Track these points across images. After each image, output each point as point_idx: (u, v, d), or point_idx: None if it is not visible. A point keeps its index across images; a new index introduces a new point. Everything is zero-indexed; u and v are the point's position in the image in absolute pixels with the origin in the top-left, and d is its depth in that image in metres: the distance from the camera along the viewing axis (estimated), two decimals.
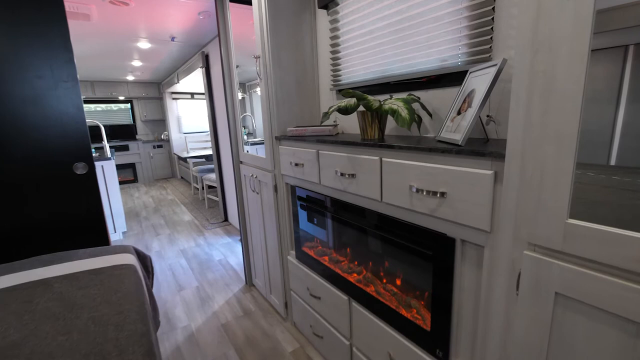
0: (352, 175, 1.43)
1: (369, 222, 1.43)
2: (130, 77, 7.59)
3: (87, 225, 2.20)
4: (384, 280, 1.48)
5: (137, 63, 5.76)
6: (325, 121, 1.52)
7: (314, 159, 1.69)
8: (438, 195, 1.05)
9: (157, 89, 8.82)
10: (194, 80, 6.55)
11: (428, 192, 1.08)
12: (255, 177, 2.38)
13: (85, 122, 2.05)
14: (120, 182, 8.46)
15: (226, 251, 3.79)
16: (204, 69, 4.53)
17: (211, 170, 5.81)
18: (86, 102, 8.06)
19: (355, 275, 1.64)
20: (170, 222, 5.04)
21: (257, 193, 2.42)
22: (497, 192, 0.91)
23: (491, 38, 1.17)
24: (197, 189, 6.83)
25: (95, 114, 8.37)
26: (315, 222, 1.89)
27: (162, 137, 9.13)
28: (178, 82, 6.57)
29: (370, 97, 1.37)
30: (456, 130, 1.10)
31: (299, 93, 2.09)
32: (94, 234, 2.22)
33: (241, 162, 2.68)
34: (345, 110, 1.46)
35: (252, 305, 2.67)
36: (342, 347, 1.76)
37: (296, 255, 2.10)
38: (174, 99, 8.63)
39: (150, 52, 4.90)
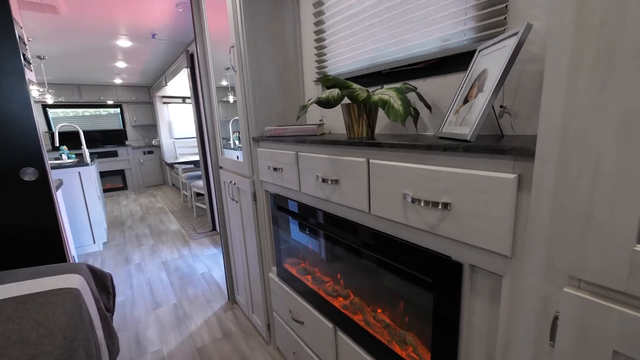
0: (335, 182, 1.18)
1: (356, 238, 1.18)
2: (118, 80, 7.35)
3: (38, 240, 1.93)
4: (375, 309, 1.22)
5: (121, 64, 5.52)
6: (302, 115, 1.28)
7: (292, 162, 1.44)
8: (440, 207, 0.80)
9: (147, 93, 8.57)
10: (182, 83, 6.30)
11: (427, 202, 0.83)
12: (234, 183, 2.12)
13: (35, 121, 1.79)
14: (109, 190, 8.20)
15: (211, 263, 3.53)
16: (189, 69, 4.29)
17: (200, 177, 5.56)
18: (73, 106, 7.81)
19: (341, 299, 1.38)
20: (156, 232, 4.77)
21: (237, 202, 2.16)
22: (521, 203, 0.66)
23: (506, 7, 0.92)
24: (187, 196, 6.56)
25: (84, 119, 8.09)
26: (297, 236, 1.64)
27: (153, 142, 8.86)
28: (166, 84, 6.32)
29: (355, 86, 1.12)
30: (462, 123, 0.85)
31: (281, 89, 1.84)
32: (47, 249, 1.95)
33: (221, 168, 2.43)
34: (326, 103, 1.21)
35: (233, 325, 2.40)
36: None
37: (277, 272, 1.84)
38: (164, 103, 8.37)
39: (133, 52, 4.66)
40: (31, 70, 2.21)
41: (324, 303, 1.43)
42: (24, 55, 1.94)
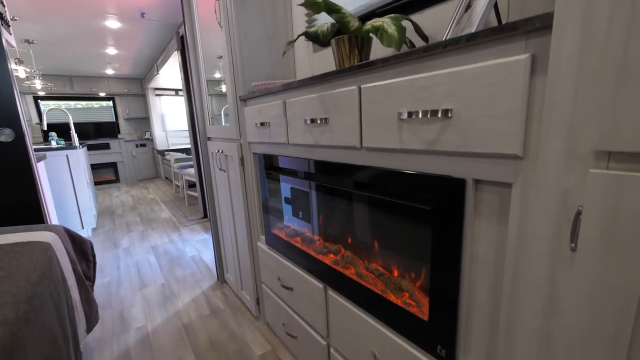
0: (325, 121, 1.08)
1: (347, 181, 1.08)
2: (109, 71, 7.22)
3: (14, 207, 1.81)
4: (367, 259, 1.12)
5: (112, 50, 5.40)
6: (288, 50, 1.17)
7: (280, 112, 1.34)
8: (439, 116, 0.70)
9: (139, 85, 8.44)
10: (174, 73, 6.19)
11: (425, 113, 0.73)
12: (222, 151, 2.02)
13: (10, 77, 1.68)
14: (101, 182, 8.07)
15: (201, 247, 3.42)
16: (179, 51, 4.17)
17: (191, 166, 5.45)
18: (65, 98, 7.66)
19: (331, 256, 1.28)
20: (146, 219, 4.66)
21: (224, 171, 2.06)
22: (535, 89, 0.57)
23: None
24: (178, 186, 6.44)
25: (76, 111, 7.95)
26: (286, 197, 1.54)
27: (146, 136, 8.73)
28: (158, 73, 6.21)
29: (346, 10, 1.02)
30: (466, 26, 0.75)
31: (270, 48, 1.74)
32: (23, 219, 1.83)
33: (209, 139, 2.32)
34: (315, 38, 1.11)
35: (221, 303, 2.30)
36: (319, 349, 1.40)
37: (266, 240, 1.74)
38: (157, 95, 8.27)
39: (123, 35, 4.55)
40: (10, 34, 2.09)
41: (313, 263, 1.33)
42: (0, 14, 1.84)
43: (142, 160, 8.68)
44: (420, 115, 0.74)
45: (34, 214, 1.82)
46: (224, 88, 2.51)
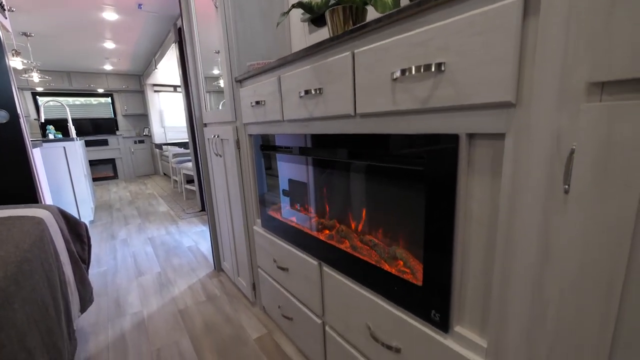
0: (319, 91, 1.07)
1: (341, 153, 1.08)
2: (108, 67, 7.20)
3: (8, 189, 1.80)
4: (362, 232, 1.11)
5: (110, 45, 5.38)
6: (282, 21, 1.17)
7: (275, 89, 1.34)
8: (433, 70, 0.69)
9: (138, 81, 8.43)
10: (172, 68, 6.18)
11: (418, 69, 0.72)
12: (218, 136, 2.01)
13: (5, 57, 1.66)
14: (100, 179, 8.06)
15: (198, 238, 3.41)
16: (176, 43, 4.16)
17: (189, 160, 5.43)
18: (63, 94, 7.64)
19: (326, 232, 1.27)
20: (144, 212, 4.65)
21: (220, 156, 2.05)
22: (528, 31, 0.56)
23: None
24: (177, 181, 6.43)
25: (74, 107, 7.93)
26: (282, 177, 1.53)
27: (145, 132, 8.71)
28: (156, 68, 6.19)
29: None
30: None
31: (266, 28, 1.73)
32: (18, 200, 1.82)
33: (205, 126, 2.31)
34: (309, 9, 1.10)
35: (217, 290, 2.29)
36: (314, 328, 1.39)
37: (262, 223, 1.73)
38: (155, 91, 8.25)
39: (121, 28, 4.53)
40: (5, 18, 2.08)
41: (308, 240, 1.32)
42: None
43: (140, 157, 8.67)
44: (413, 72, 0.73)
45: (28, 197, 1.81)
46: (222, 83, 2.51)
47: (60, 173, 3.79)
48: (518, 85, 0.58)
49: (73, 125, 4.52)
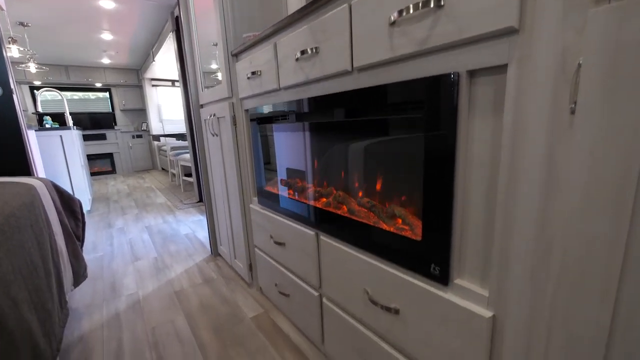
0: (315, 50, 1.04)
1: (338, 114, 1.05)
2: (106, 60, 7.17)
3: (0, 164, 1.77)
4: (359, 193, 1.09)
5: (107, 36, 5.35)
6: None
7: (271, 57, 1.31)
8: (432, 6, 0.67)
9: (136, 75, 8.40)
10: (169, 58, 6.15)
11: (416, 7, 0.70)
12: (214, 115, 1.98)
13: None
14: (97, 173, 8.03)
15: (196, 227, 3.38)
16: (174, 32, 4.12)
17: (186, 151, 5.41)
18: (61, 89, 7.60)
19: (323, 199, 1.24)
20: (142, 204, 4.62)
21: (217, 135, 2.02)
22: None
23: None
24: (174, 175, 6.40)
25: (72, 102, 7.89)
26: (279, 150, 1.50)
27: (143, 127, 8.68)
28: (154, 60, 6.16)
29: None
30: None
31: (262, 1, 1.70)
32: (10, 174, 1.79)
33: (201, 107, 2.28)
34: None
35: (214, 273, 2.26)
36: (311, 302, 1.37)
37: (259, 200, 1.70)
38: (153, 85, 8.22)
39: (118, 17, 4.49)
40: None
41: (305, 210, 1.30)
42: None
43: (138, 152, 8.64)
44: (411, 11, 0.71)
45: (21, 172, 1.78)
46: (219, 76, 2.48)
47: (57, 162, 3.76)
48: (521, 7, 0.56)
49: (71, 119, 4.48)
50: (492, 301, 0.70)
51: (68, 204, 1.64)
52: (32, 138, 2.32)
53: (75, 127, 4.04)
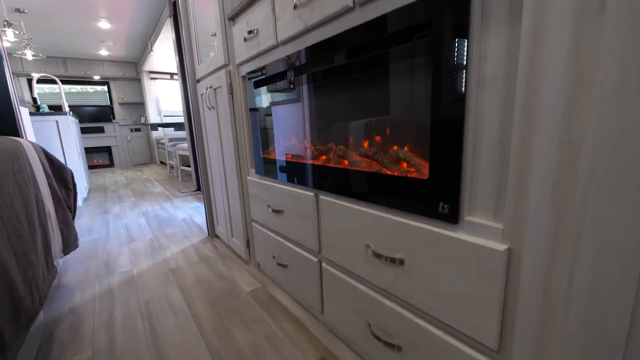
0: None
1: (339, 58, 1.00)
2: (104, 52, 7.11)
3: None
4: (361, 144, 1.03)
5: (104, 24, 5.29)
6: None
7: (269, 12, 1.27)
8: None
9: (134, 68, 8.34)
10: (167, 50, 6.09)
11: None
12: (210, 87, 1.92)
13: None
14: (95, 166, 7.96)
15: (193, 212, 3.33)
16: (171, 17, 4.06)
17: (184, 141, 5.35)
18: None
19: (323, 157, 1.18)
20: (139, 193, 4.56)
21: (213, 108, 1.97)
22: None
23: None
24: (173, 167, 6.34)
25: (70, 95, 7.82)
26: (275, 112, 1.44)
27: (142, 121, 8.62)
28: (152, 50, 6.10)
29: None
30: None
31: None
32: None
33: (198, 82, 2.23)
34: None
35: (211, 253, 2.21)
36: (310, 268, 1.31)
37: (256, 171, 1.64)
38: (152, 78, 8.16)
39: (115, 3, 4.42)
40: None
41: (304, 171, 1.25)
42: None
43: (137, 145, 8.57)
44: None
45: (10, 134, 1.72)
46: (216, 46, 2.42)
47: (53, 148, 3.70)
48: None
49: (67, 105, 4.42)
50: (507, 233, 0.64)
51: (59, 172, 1.58)
52: (25, 116, 2.27)
53: (71, 112, 3.97)
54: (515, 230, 0.62)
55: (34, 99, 4.11)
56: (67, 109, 4.08)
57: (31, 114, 3.51)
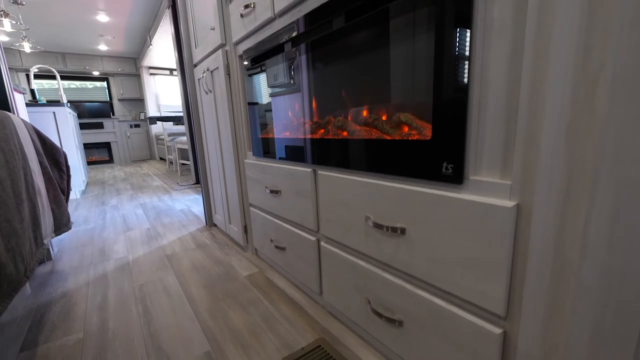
0: None
1: (338, 17, 0.96)
2: (102, 47, 7.07)
3: None
4: (363, 112, 0.99)
5: (103, 17, 5.24)
6: None
7: None
8: None
9: (133, 64, 8.30)
10: (166, 45, 6.05)
11: None
12: (207, 69, 1.88)
13: None
14: (95, 162, 7.93)
15: (191, 204, 3.29)
16: (170, 9, 4.02)
17: (183, 134, 5.31)
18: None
19: (321, 131, 1.14)
20: (137, 186, 4.53)
21: (211, 92, 1.93)
22: None
23: None
24: (172, 163, 6.30)
25: (69, 91, 7.78)
26: (273, 90, 1.39)
27: (141, 117, 8.58)
28: (151, 44, 6.05)
29: None
30: None
31: None
32: None
33: (195, 66, 2.19)
34: None
35: (208, 240, 2.17)
36: (309, 249, 1.27)
37: (254, 153, 1.60)
38: (151, 74, 8.12)
39: None
40: None
41: (301, 148, 1.21)
42: None
43: (136, 141, 8.54)
44: None
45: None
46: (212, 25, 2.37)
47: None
48: None
49: (65, 97, 4.38)
50: (516, 188, 0.60)
51: (51, 153, 1.54)
52: (19, 101, 2.23)
53: (68, 103, 3.93)
54: (525, 183, 0.58)
55: (32, 91, 4.07)
56: (64, 100, 4.03)
57: (28, 104, 3.46)
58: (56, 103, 3.75)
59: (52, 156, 1.55)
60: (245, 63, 1.52)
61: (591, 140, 0.47)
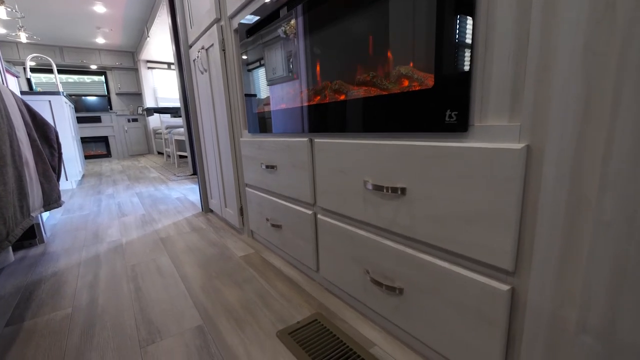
0: None
1: None
2: (100, 40, 7.00)
3: None
4: (361, 72, 0.94)
5: (100, 8, 5.18)
6: None
7: None
8: None
9: (131, 58, 8.24)
10: (164, 39, 5.99)
11: None
12: (203, 47, 1.83)
13: None
14: (92, 157, 7.87)
15: (188, 192, 3.24)
16: None
17: (180, 126, 5.26)
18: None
19: (317, 98, 1.09)
20: (134, 178, 4.48)
21: (206, 70, 1.88)
22: None
23: None
24: (169, 156, 6.25)
25: (67, 85, 7.72)
26: (269, 60, 1.35)
27: (139, 111, 8.52)
28: (148, 36, 6.00)
29: None
30: None
31: None
32: None
33: (190, 47, 2.14)
34: None
35: (203, 225, 2.12)
36: (305, 224, 1.23)
37: (249, 130, 1.55)
38: (149, 68, 8.05)
39: None
40: None
41: (297, 116, 1.16)
42: None
43: (134, 136, 8.48)
44: None
45: None
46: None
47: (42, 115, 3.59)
48: None
49: (61, 87, 4.32)
50: (526, 128, 0.55)
51: (42, 128, 1.49)
52: (11, 82, 2.18)
53: (64, 93, 3.87)
54: (536, 121, 0.53)
55: (28, 80, 4.02)
56: (60, 88, 3.97)
57: (23, 92, 3.41)
58: (52, 92, 3.69)
59: (43, 132, 1.51)
60: (241, 33, 1.47)
61: (612, 57, 0.43)
